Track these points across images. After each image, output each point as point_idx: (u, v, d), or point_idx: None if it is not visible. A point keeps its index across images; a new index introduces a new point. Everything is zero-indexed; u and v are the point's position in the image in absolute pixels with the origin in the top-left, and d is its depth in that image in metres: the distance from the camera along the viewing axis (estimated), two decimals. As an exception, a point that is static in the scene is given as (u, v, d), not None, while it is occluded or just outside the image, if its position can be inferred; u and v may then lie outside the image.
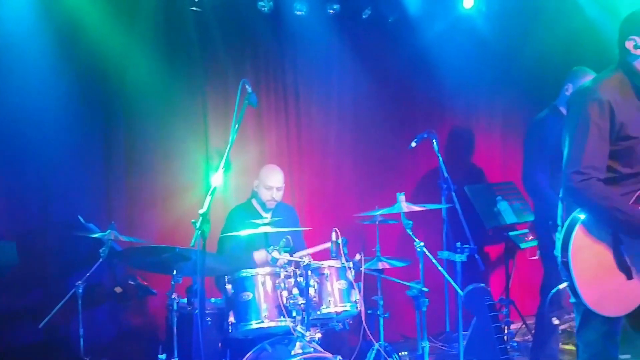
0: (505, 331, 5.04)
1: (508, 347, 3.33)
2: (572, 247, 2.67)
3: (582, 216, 2.70)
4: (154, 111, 4.70)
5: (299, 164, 5.26)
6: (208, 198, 3.20)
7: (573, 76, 4.35)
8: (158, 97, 4.67)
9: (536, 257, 5.29)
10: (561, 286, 2.84)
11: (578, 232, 2.68)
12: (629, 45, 2.74)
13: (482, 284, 3.59)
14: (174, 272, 3.72)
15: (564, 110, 4.35)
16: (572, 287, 2.68)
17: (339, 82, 5.41)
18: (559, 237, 2.78)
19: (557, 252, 2.75)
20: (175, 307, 3.68)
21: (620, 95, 2.70)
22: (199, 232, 3.18)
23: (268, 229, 3.86)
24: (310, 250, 4.39)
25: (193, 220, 3.19)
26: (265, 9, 5.01)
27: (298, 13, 5.12)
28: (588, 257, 2.68)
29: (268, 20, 5.09)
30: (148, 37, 4.58)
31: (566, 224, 2.75)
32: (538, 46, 5.60)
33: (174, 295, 3.70)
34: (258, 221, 3.90)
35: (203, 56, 4.91)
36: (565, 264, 2.68)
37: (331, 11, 5.22)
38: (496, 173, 5.92)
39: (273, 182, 4.52)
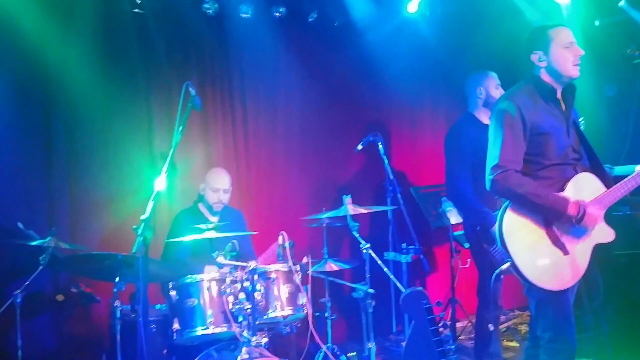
0: (446, 333, 5.14)
1: (446, 349, 3.40)
2: (504, 228, 2.94)
3: None
4: (95, 115, 4.59)
5: (246, 168, 5.23)
6: (150, 203, 3.17)
7: (477, 80, 4.50)
8: (100, 101, 4.57)
9: (467, 266, 5.38)
10: (503, 266, 2.97)
11: (509, 215, 2.97)
12: (534, 58, 3.13)
13: (420, 288, 3.64)
14: (117, 279, 3.65)
15: (477, 115, 4.43)
16: (513, 265, 2.92)
17: (285, 85, 5.40)
18: (497, 225, 3.01)
19: (497, 237, 2.98)
20: (118, 314, 3.62)
21: (529, 101, 3.07)
22: (141, 238, 3.13)
23: (213, 234, 3.83)
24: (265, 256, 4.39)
25: (135, 227, 3.14)
26: (210, 11, 4.97)
27: (244, 16, 5.09)
28: (521, 235, 2.95)
29: (213, 22, 5.05)
30: (86, 40, 4.47)
31: (499, 212, 3.01)
32: (479, 50, 5.71)
33: (117, 303, 3.63)
34: (202, 226, 3.86)
35: (145, 59, 4.83)
36: (504, 247, 2.94)
37: (277, 14, 5.21)
38: (441, 175, 5.99)
39: (219, 184, 4.49)
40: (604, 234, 3.10)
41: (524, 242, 2.95)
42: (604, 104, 6.04)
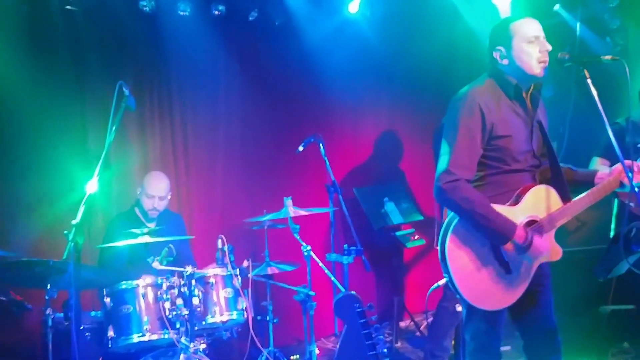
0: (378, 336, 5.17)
1: (379, 353, 3.40)
2: (448, 244, 2.73)
3: None
4: (24, 115, 4.40)
5: (185, 170, 5.13)
6: (82, 207, 3.06)
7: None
8: (28, 100, 4.39)
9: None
10: (441, 282, 2.91)
11: (455, 230, 2.74)
12: (496, 55, 2.86)
13: (353, 292, 3.64)
14: (49, 286, 3.52)
15: None
16: (452, 283, 2.74)
17: (226, 85, 5.32)
18: (440, 235, 2.83)
19: (439, 249, 2.80)
20: (50, 323, 3.49)
21: (491, 99, 2.81)
22: (72, 244, 3.03)
23: (147, 239, 3.73)
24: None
25: (65, 232, 3.03)
26: (147, 8, 4.85)
27: (182, 13, 4.98)
28: (465, 254, 2.74)
29: (150, 20, 4.93)
30: (12, 37, 4.28)
31: (445, 222, 2.81)
32: (419, 50, 5.78)
33: (49, 311, 3.50)
34: (137, 231, 3.76)
35: (78, 57, 4.68)
36: (444, 262, 2.73)
37: (216, 12, 5.12)
38: (384, 175, 6.05)
39: (155, 190, 4.36)
40: (552, 252, 2.88)
41: (466, 259, 2.74)
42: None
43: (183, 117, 5.15)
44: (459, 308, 4.29)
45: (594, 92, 2.89)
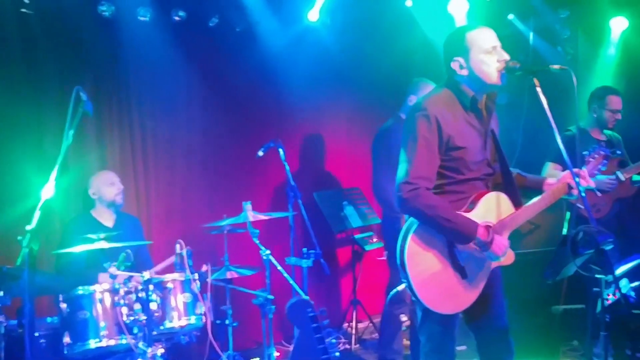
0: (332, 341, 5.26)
1: (331, 357, 3.46)
2: (407, 251, 2.78)
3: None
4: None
5: (144, 174, 5.09)
6: (37, 213, 3.04)
7: (413, 87, 4.58)
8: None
9: (383, 258, 5.55)
10: (400, 287, 2.98)
11: (413, 237, 2.80)
12: (455, 66, 2.88)
13: (306, 297, 3.70)
14: (1, 293, 3.48)
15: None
16: (410, 289, 2.79)
17: (186, 91, 5.31)
18: (399, 241, 2.89)
19: (397, 255, 2.86)
20: (2, 330, 3.46)
21: (447, 110, 2.84)
22: (27, 250, 3.01)
23: (104, 244, 3.71)
24: (158, 268, 4.32)
25: (19, 238, 3.01)
26: (107, 13, 4.81)
27: (141, 19, 4.96)
28: (423, 259, 2.80)
29: (109, 25, 4.89)
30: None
31: (403, 228, 2.87)
32: (378, 57, 5.89)
33: (2, 318, 3.47)
34: (94, 236, 3.74)
35: (34, 62, 4.61)
36: (403, 267, 2.79)
37: (177, 18, 5.11)
38: (343, 179, 6.13)
39: (112, 177, 4.45)
40: (505, 256, 2.93)
41: (425, 265, 2.80)
42: (497, 111, 6.34)
43: (142, 122, 5.12)
44: (403, 318, 4.40)
45: (544, 100, 2.97)
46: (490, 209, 2.89)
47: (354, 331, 5.52)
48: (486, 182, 2.98)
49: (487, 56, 2.83)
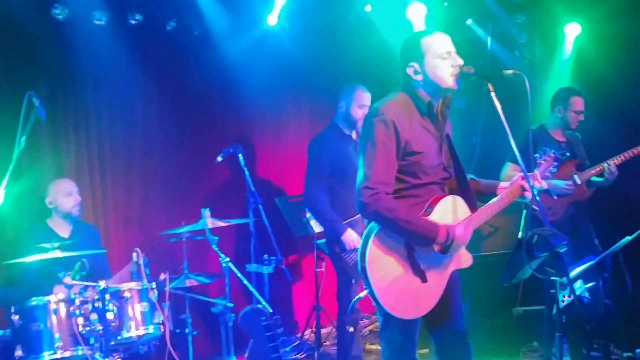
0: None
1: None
2: (368, 256, 2.78)
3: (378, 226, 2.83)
4: None
5: (101, 181, 4.99)
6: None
7: (344, 93, 4.57)
8: None
9: (322, 269, 5.51)
10: (362, 294, 2.97)
11: (374, 241, 2.80)
12: (410, 71, 2.91)
13: (259, 305, 3.67)
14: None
15: (340, 125, 4.58)
16: (372, 294, 2.79)
17: (143, 95, 5.23)
18: (359, 247, 2.88)
19: (359, 261, 2.84)
20: (-52, 344, 3.35)
21: (404, 115, 2.87)
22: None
23: (58, 254, 3.63)
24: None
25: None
26: (61, 16, 4.71)
27: (97, 22, 4.87)
28: (384, 265, 2.80)
29: (64, 29, 4.78)
30: None
31: (364, 234, 2.87)
32: (337, 61, 5.90)
33: (-54, 332, 3.36)
34: (47, 245, 3.65)
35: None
36: (364, 273, 2.78)
37: (133, 22, 5.03)
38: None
39: (71, 187, 4.35)
40: (463, 259, 3.01)
41: (386, 270, 2.79)
42: (455, 115, 6.40)
43: (99, 128, 5.03)
44: (350, 329, 4.42)
45: (498, 105, 3.02)
46: (447, 212, 2.92)
47: (316, 337, 5.49)
48: (442, 186, 3.02)
49: (442, 61, 2.87)
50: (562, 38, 6.18)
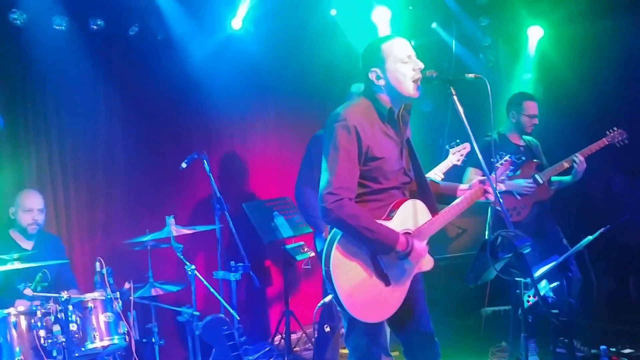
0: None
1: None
2: (332, 261, 2.79)
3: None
4: None
5: (64, 190, 4.88)
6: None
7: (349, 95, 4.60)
8: None
9: (309, 267, 5.52)
10: (327, 299, 2.97)
11: (338, 247, 2.81)
12: (372, 76, 2.93)
13: (221, 314, 3.64)
14: None
15: None
16: (337, 299, 2.80)
17: (106, 102, 5.13)
18: (323, 251, 2.89)
19: (323, 266, 2.86)
20: None
21: (365, 121, 2.89)
22: None
23: (18, 265, 3.55)
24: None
25: None
26: (19, 22, 4.60)
27: (57, 28, 4.77)
28: (348, 269, 2.82)
29: (23, 34, 4.67)
30: None
31: (328, 239, 2.88)
32: (302, 65, 5.89)
33: None
34: (6, 257, 3.57)
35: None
36: (329, 278, 2.80)
37: (95, 27, 4.94)
38: (273, 189, 6.07)
39: (33, 203, 4.25)
40: (424, 262, 3.04)
41: (350, 275, 2.82)
42: (422, 118, 6.46)
43: (60, 135, 4.92)
44: (327, 329, 4.42)
45: (460, 108, 3.05)
46: (409, 216, 2.96)
47: (286, 342, 5.46)
48: (403, 191, 3.05)
49: (403, 65, 2.89)
50: (525, 41, 6.27)
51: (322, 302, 3.64)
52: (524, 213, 4.75)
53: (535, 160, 4.89)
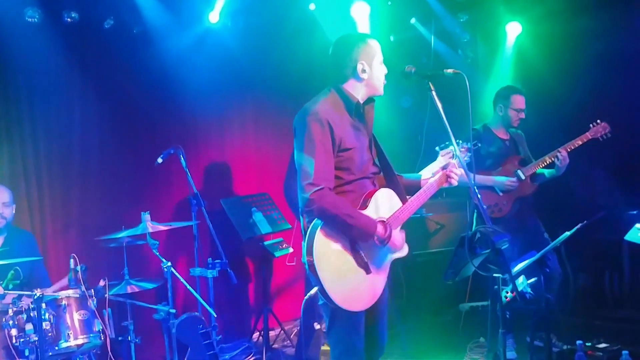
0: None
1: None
2: (315, 252, 2.84)
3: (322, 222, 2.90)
4: None
5: (37, 185, 4.79)
6: None
7: None
8: None
9: (293, 263, 5.49)
10: (312, 291, 2.97)
11: (319, 237, 2.87)
12: (359, 67, 3.03)
13: (196, 313, 3.60)
14: None
15: None
16: (322, 290, 2.86)
17: (80, 96, 5.03)
18: (303, 243, 2.92)
19: (304, 258, 2.89)
20: None
21: (336, 114, 3.00)
22: None
23: (-12, 263, 3.47)
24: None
25: None
26: (-13, 14, 4.51)
27: (30, 20, 4.67)
28: (331, 259, 2.89)
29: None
30: None
31: (309, 230, 2.90)
32: (280, 59, 5.84)
33: None
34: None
35: None
36: (312, 269, 2.84)
37: (69, 19, 4.84)
38: (251, 185, 6.02)
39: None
40: (401, 249, 3.15)
41: (333, 266, 2.89)
42: (401, 114, 6.48)
43: (34, 130, 4.82)
44: (317, 326, 4.41)
45: (439, 103, 3.14)
46: (382, 204, 3.08)
47: (264, 339, 5.43)
48: (373, 181, 3.18)
49: (382, 67, 3.10)
50: (503, 37, 6.29)
51: (307, 295, 3.60)
52: (505, 209, 4.76)
53: (518, 156, 4.90)
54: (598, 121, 4.80)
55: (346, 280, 2.91)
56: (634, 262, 5.49)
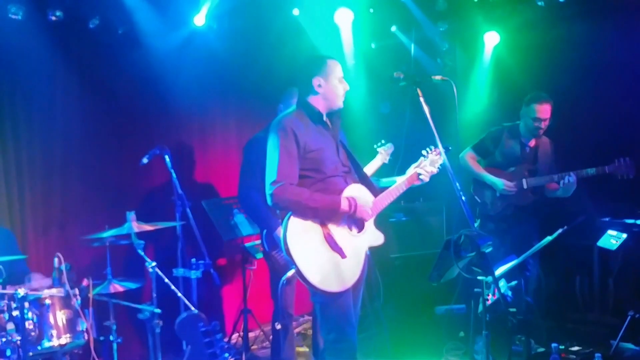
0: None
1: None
2: (288, 238, 3.19)
3: None
4: None
5: (18, 183, 4.72)
6: None
7: (284, 96, 4.67)
8: None
9: (254, 267, 5.51)
10: (289, 273, 3.13)
11: (291, 224, 3.22)
12: (314, 82, 3.40)
13: (196, 311, 3.62)
14: None
15: None
16: (298, 272, 3.17)
17: (63, 96, 5.00)
18: (280, 237, 3.24)
19: (282, 245, 3.21)
20: None
21: (300, 122, 3.38)
22: None
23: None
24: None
25: None
26: (-30, 8, 4.46)
27: (13, 17, 4.62)
28: (304, 243, 3.21)
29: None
30: None
31: (283, 222, 3.25)
32: (265, 64, 5.89)
33: None
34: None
35: None
36: (289, 254, 3.17)
37: (53, 18, 4.81)
38: (233, 187, 6.02)
39: None
40: (375, 237, 3.51)
41: (306, 248, 3.20)
42: (380, 120, 6.57)
43: (15, 128, 4.75)
44: (277, 326, 4.51)
45: (426, 109, 3.25)
46: (355, 194, 3.42)
47: (244, 340, 5.45)
48: (345, 179, 3.49)
49: (339, 84, 3.45)
50: (481, 46, 6.42)
51: (283, 278, 3.66)
52: (495, 210, 4.90)
53: (532, 165, 4.96)
54: (624, 158, 4.58)
55: (321, 263, 3.22)
56: (603, 268, 5.64)
